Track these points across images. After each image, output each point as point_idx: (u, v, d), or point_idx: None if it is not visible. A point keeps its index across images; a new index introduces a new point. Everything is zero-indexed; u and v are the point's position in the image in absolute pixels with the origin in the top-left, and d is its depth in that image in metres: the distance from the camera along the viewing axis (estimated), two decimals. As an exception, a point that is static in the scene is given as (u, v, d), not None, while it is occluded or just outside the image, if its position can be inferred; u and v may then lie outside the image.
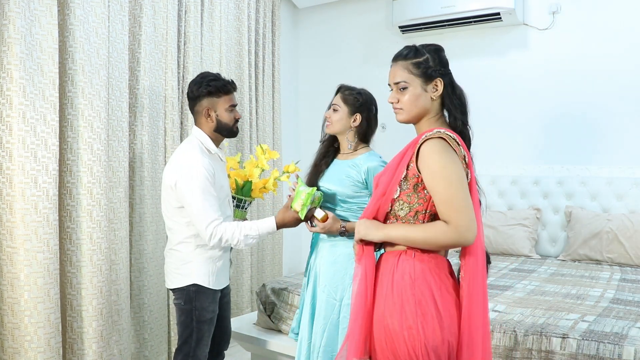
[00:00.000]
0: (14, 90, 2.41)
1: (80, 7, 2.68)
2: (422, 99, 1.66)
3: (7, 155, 2.43)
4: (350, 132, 2.33)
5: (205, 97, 2.34)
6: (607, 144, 3.84)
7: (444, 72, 1.67)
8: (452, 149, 1.57)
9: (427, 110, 1.67)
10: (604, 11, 3.84)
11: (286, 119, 4.95)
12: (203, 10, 3.74)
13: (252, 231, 2.27)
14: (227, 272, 2.47)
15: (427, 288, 1.56)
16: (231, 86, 2.39)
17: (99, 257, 2.74)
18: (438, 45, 1.73)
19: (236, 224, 2.28)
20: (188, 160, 2.27)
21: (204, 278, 2.33)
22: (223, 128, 2.38)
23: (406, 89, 1.66)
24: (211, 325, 2.38)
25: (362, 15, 4.84)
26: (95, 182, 2.74)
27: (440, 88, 1.66)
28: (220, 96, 2.35)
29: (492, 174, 4.21)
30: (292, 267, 4.97)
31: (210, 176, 2.26)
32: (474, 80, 4.27)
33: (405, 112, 1.67)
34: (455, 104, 1.68)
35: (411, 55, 1.68)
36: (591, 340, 1.99)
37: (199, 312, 2.33)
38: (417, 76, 1.65)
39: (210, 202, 2.24)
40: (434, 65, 1.66)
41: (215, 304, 2.39)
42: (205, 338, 2.37)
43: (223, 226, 2.24)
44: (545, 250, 3.95)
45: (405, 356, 1.53)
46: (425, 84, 1.66)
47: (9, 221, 2.43)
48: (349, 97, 2.32)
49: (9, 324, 2.42)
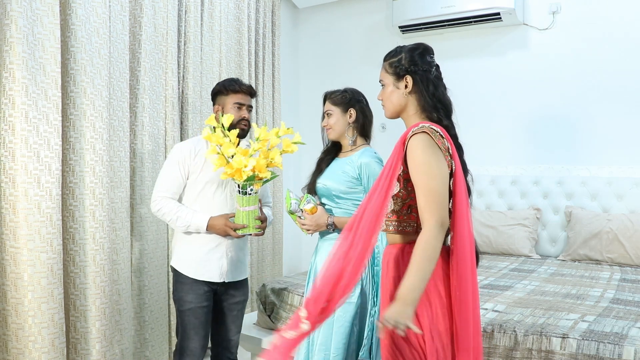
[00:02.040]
0: (16, 89, 2.41)
1: (81, 7, 2.68)
2: (394, 95, 1.77)
3: (9, 155, 2.43)
4: (349, 129, 2.36)
5: (217, 96, 2.50)
6: (607, 144, 3.85)
7: (414, 69, 1.74)
8: (435, 142, 1.63)
9: (404, 106, 1.77)
10: (604, 11, 3.85)
11: (286, 119, 4.95)
12: (203, 10, 3.75)
13: (185, 218, 2.37)
14: (216, 268, 2.42)
15: (432, 278, 1.60)
16: (239, 86, 2.47)
17: (102, 257, 2.75)
18: (418, 44, 1.82)
19: (178, 205, 2.40)
20: (177, 144, 2.51)
21: (179, 262, 2.44)
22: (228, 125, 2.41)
23: (384, 86, 1.81)
24: (193, 317, 2.38)
25: (362, 15, 4.85)
26: (97, 182, 2.74)
27: (410, 85, 1.74)
28: (228, 94, 2.46)
29: (492, 174, 4.22)
30: (292, 267, 4.97)
31: (187, 157, 2.41)
32: (474, 80, 4.29)
33: (385, 108, 1.81)
34: (428, 100, 1.73)
35: (389, 55, 1.82)
36: (591, 340, 2.00)
37: (178, 302, 2.42)
38: (390, 74, 1.78)
39: (168, 178, 2.42)
40: (405, 63, 1.76)
41: (197, 296, 2.39)
42: (189, 331, 2.37)
43: (168, 201, 2.40)
44: (545, 250, 3.96)
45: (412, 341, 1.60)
46: (396, 82, 1.77)
47: (12, 221, 2.42)
48: (336, 98, 2.39)
49: (12, 325, 2.42)
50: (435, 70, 1.78)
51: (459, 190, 1.64)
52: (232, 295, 2.52)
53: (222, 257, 2.44)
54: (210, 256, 2.42)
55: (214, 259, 2.43)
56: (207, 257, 2.41)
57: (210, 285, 2.44)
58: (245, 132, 2.49)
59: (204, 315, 2.42)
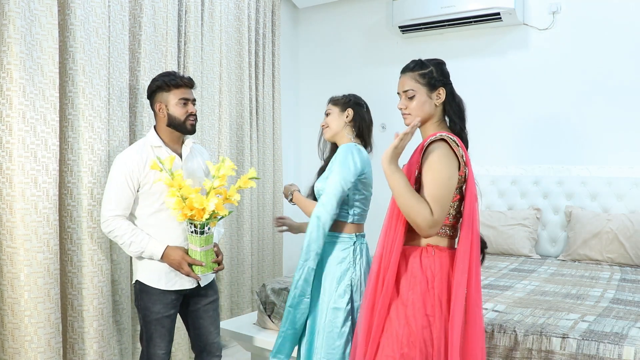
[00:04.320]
0: (13, 90, 2.40)
1: (80, 7, 2.68)
2: (427, 105, 1.86)
3: (7, 155, 2.43)
4: (346, 128, 2.37)
5: (157, 93, 2.38)
6: (607, 144, 3.84)
7: (445, 82, 1.89)
8: (452, 149, 1.77)
9: (431, 116, 1.88)
10: (604, 11, 3.84)
11: (286, 119, 4.95)
12: (203, 10, 3.75)
13: (140, 244, 2.28)
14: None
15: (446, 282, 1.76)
16: (181, 80, 2.37)
17: (99, 257, 2.74)
18: (441, 59, 1.94)
19: (133, 228, 2.29)
20: (124, 152, 2.37)
21: (146, 276, 2.35)
22: (175, 123, 2.37)
23: (414, 97, 1.87)
24: (160, 326, 2.34)
25: (362, 15, 4.84)
26: (96, 182, 2.73)
27: (443, 96, 1.87)
28: (170, 90, 2.36)
29: (492, 174, 4.22)
30: (292, 267, 4.97)
31: (135, 171, 2.29)
32: (474, 80, 4.28)
33: (413, 117, 1.86)
34: (455, 110, 1.89)
35: (417, 67, 1.89)
36: (591, 340, 1.99)
37: (143, 312, 2.36)
38: (423, 85, 1.87)
39: (117, 195, 2.28)
40: (437, 76, 1.87)
41: (164, 305, 2.34)
42: (155, 339, 2.34)
43: (121, 222, 2.28)
44: (545, 250, 3.95)
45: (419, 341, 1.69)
46: (430, 92, 1.87)
47: (9, 221, 2.42)
48: (337, 99, 2.43)
49: (9, 324, 2.42)
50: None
51: (470, 195, 1.78)
52: (204, 296, 2.47)
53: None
54: None
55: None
56: None
57: (179, 293, 2.39)
58: (194, 128, 2.41)
59: (171, 322, 2.38)
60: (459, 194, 1.81)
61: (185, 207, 2.18)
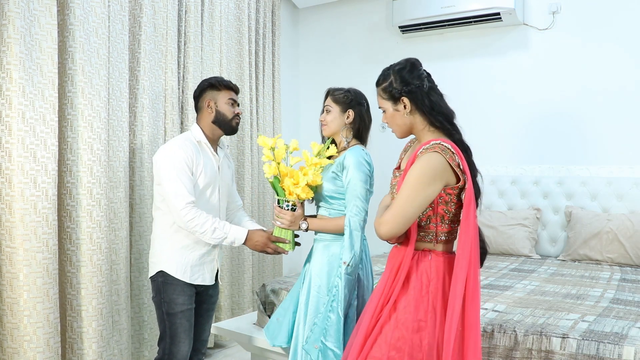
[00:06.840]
0: (13, 90, 2.41)
1: (80, 7, 2.68)
2: (397, 118, 1.78)
3: (6, 155, 2.43)
4: (345, 129, 2.35)
5: (208, 90, 2.46)
6: (607, 144, 3.84)
7: (407, 89, 1.74)
8: (446, 160, 1.65)
9: (410, 126, 1.79)
10: (604, 11, 3.84)
11: (286, 119, 4.95)
12: (203, 10, 3.74)
13: (223, 229, 2.30)
14: (208, 271, 2.44)
15: (442, 288, 1.70)
16: (231, 84, 2.50)
17: (98, 257, 2.74)
18: (405, 61, 1.80)
19: (213, 217, 2.31)
20: (169, 144, 2.38)
21: (172, 267, 2.35)
22: (222, 120, 2.45)
23: (384, 112, 1.81)
24: (185, 319, 2.36)
25: (362, 15, 4.84)
26: (95, 182, 2.73)
27: (408, 105, 1.75)
28: (220, 89, 2.46)
29: (492, 174, 4.21)
30: (292, 267, 4.97)
31: (189, 161, 2.32)
32: (474, 80, 4.28)
33: (394, 131, 1.83)
34: (433, 113, 1.75)
35: (380, 80, 1.81)
36: (591, 340, 1.98)
37: (167, 304, 2.35)
38: (387, 100, 1.79)
39: (185, 182, 2.29)
40: (397, 86, 1.75)
41: (188, 297, 2.37)
42: (180, 333, 2.35)
43: (199, 210, 2.28)
44: (545, 250, 3.95)
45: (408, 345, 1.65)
46: (395, 105, 1.78)
47: (8, 221, 2.42)
48: (338, 97, 2.38)
49: (8, 324, 2.42)
50: (427, 80, 1.77)
51: (468, 203, 1.67)
52: (210, 295, 2.54)
53: (213, 260, 2.46)
54: (203, 260, 2.42)
55: (207, 262, 2.43)
56: (201, 262, 2.41)
57: (197, 288, 2.43)
58: (237, 128, 2.51)
59: (192, 317, 2.41)
60: (458, 201, 1.73)
61: (292, 184, 2.23)
